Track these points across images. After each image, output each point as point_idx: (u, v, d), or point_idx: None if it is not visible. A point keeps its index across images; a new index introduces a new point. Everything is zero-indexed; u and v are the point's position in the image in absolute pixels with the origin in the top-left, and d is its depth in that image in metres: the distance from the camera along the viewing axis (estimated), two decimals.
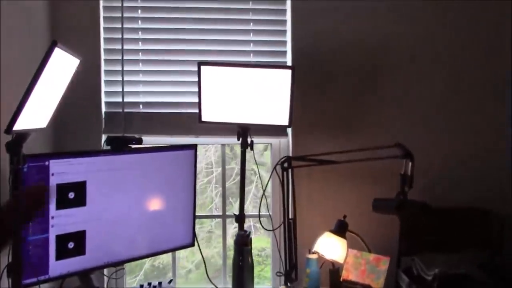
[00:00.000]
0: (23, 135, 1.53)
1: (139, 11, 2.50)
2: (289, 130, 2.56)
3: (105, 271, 2.42)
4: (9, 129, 1.38)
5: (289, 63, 2.54)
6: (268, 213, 2.55)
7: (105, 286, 2.45)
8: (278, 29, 2.56)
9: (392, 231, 2.31)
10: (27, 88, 1.38)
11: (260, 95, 2.21)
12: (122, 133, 2.46)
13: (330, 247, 2.29)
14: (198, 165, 2.28)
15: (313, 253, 2.32)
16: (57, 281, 2.14)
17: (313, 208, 2.54)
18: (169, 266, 3.58)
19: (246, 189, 2.39)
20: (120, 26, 2.47)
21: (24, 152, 1.53)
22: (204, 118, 2.27)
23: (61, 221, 1.90)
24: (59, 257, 1.91)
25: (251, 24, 2.55)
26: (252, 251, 2.26)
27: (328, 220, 2.39)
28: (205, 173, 4.00)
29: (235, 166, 3.58)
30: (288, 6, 2.55)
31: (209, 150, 3.87)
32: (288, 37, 2.56)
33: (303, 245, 2.42)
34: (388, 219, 2.25)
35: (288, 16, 2.55)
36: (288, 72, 2.18)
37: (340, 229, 2.32)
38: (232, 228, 2.85)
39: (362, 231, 2.42)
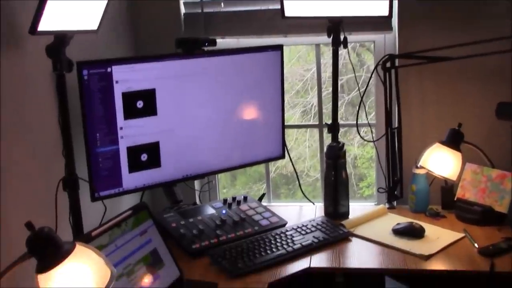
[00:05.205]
0: (62, 37, 1.37)
1: None
2: (395, 23, 2.13)
3: (196, 184, 2.31)
4: (33, 29, 1.20)
5: None
6: (367, 122, 2.22)
7: (197, 199, 2.35)
8: None
9: None
10: None
11: None
12: (203, 35, 2.23)
13: (440, 161, 1.92)
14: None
15: (421, 167, 1.98)
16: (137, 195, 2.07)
17: (422, 115, 2.15)
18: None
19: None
20: None
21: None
22: (287, 13, 1.94)
23: (131, 132, 1.80)
24: (132, 169, 1.83)
25: None
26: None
27: (439, 130, 2.01)
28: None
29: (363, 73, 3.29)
30: None
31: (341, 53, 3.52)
32: None
33: (410, 159, 2.09)
34: None
35: None
36: None
37: (453, 140, 1.93)
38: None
39: (482, 142, 2.00)
